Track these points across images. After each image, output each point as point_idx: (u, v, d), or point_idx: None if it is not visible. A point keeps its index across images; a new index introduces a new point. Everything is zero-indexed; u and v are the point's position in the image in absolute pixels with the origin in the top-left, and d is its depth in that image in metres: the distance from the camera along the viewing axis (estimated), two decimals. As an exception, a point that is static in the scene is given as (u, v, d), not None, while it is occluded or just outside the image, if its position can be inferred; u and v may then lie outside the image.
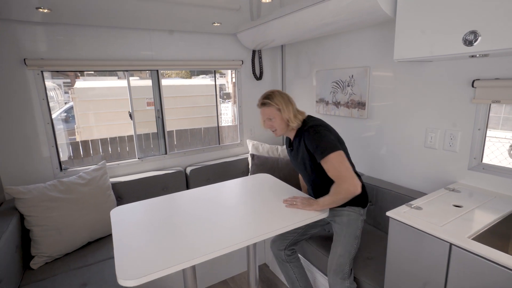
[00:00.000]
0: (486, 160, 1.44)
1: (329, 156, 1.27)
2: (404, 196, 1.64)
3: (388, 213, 1.19)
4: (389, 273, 1.24)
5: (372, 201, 1.83)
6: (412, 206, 1.23)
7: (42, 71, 1.81)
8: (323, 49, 2.22)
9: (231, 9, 1.74)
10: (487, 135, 1.40)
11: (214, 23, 2.02)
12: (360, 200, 1.44)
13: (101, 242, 1.79)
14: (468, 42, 1.08)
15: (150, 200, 1.64)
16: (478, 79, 1.33)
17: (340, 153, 1.28)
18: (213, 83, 2.67)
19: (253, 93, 2.67)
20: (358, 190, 1.24)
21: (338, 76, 2.09)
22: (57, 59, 1.83)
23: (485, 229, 1.05)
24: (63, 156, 2.98)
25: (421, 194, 1.59)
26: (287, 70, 2.69)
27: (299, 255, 1.81)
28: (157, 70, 2.19)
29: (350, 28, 1.79)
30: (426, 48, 1.22)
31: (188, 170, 2.35)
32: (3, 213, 1.59)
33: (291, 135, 1.51)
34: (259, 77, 2.63)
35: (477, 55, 1.14)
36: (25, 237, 1.61)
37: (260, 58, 2.59)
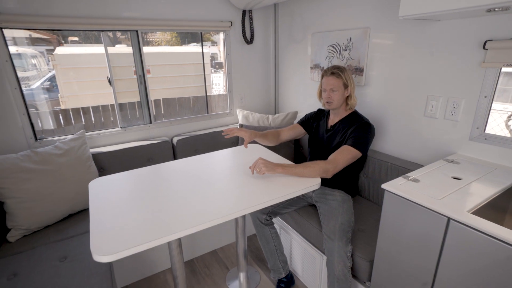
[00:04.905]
0: (487, 130, 1.35)
1: (354, 149, 1.40)
2: (400, 168, 1.57)
3: (383, 186, 1.11)
4: (380, 247, 1.19)
5: (366, 173, 1.76)
6: (409, 178, 1.16)
7: (1, 28, 1.60)
8: (319, 8, 2.02)
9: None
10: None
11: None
12: (351, 189, 1.62)
13: (82, 215, 1.71)
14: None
15: (133, 171, 1.54)
16: (491, 40, 1.20)
17: (358, 154, 1.42)
18: (206, 50, 2.47)
19: (243, 58, 2.49)
20: (328, 176, 1.39)
21: (335, 39, 1.92)
22: (18, 15, 1.61)
23: (485, 202, 0.98)
24: (47, 126, 2.83)
25: (418, 166, 1.51)
26: (280, 33, 2.48)
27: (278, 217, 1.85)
28: (137, 31, 1.98)
29: (351, -18, 1.60)
30: (438, 1, 1.07)
31: (175, 140, 2.24)
32: (-28, 185, 1.48)
33: (335, 117, 1.59)
34: (250, 41, 2.44)
35: (496, 9, 1.00)
36: (1, 210, 1.52)
37: (251, 19, 2.37)
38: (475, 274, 0.88)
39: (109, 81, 2.04)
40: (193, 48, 3.36)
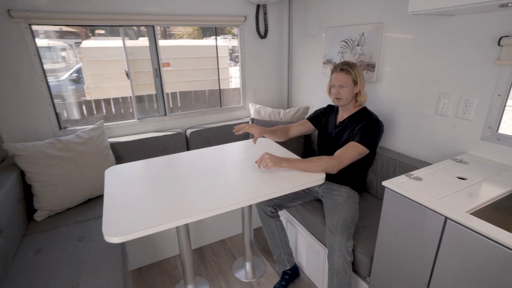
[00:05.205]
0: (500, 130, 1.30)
1: (360, 146, 1.41)
2: (407, 166, 1.55)
3: (384, 183, 1.11)
4: (380, 244, 1.20)
5: (375, 170, 1.75)
6: (412, 176, 1.15)
7: (30, 25, 1.72)
8: (334, 2, 2.00)
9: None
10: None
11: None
12: (358, 186, 1.61)
13: (100, 199, 1.83)
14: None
15: (147, 160, 1.64)
16: (507, 36, 1.15)
17: (365, 150, 1.42)
18: (225, 44, 2.50)
19: (257, 53, 2.51)
20: (333, 172, 1.41)
21: (347, 34, 1.90)
22: (44, 12, 1.73)
23: (488, 203, 0.97)
24: (74, 116, 3.01)
25: (427, 164, 1.49)
26: (295, 27, 2.48)
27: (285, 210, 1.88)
28: (153, 26, 2.05)
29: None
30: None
31: (188, 132, 2.32)
32: (4, 168, 1.64)
33: (344, 113, 1.59)
34: (263, 36, 2.45)
35: (509, 4, 0.96)
36: (28, 192, 1.66)
37: (265, 14, 2.38)
38: (470, 274, 0.88)
39: (127, 74, 2.14)
40: (213, 41, 3.40)
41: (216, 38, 2.47)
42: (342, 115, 1.61)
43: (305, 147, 2.30)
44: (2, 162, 1.73)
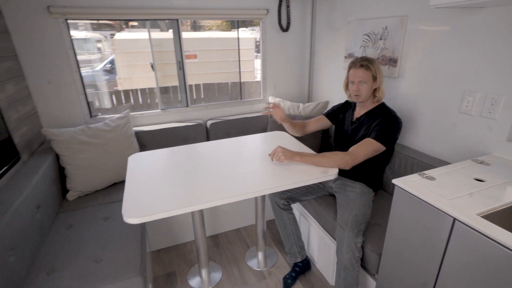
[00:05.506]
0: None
1: (376, 142, 1.39)
2: (426, 165, 1.51)
3: (394, 181, 1.10)
4: (388, 242, 1.19)
5: (392, 168, 1.72)
6: (425, 175, 1.12)
7: (66, 20, 1.86)
8: (359, -6, 1.94)
9: None
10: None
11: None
12: (374, 183, 1.59)
13: (124, 184, 1.96)
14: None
15: (168, 149, 1.74)
16: (539, 30, 1.07)
17: (381, 147, 1.40)
18: (253, 36, 2.51)
19: (278, 46, 2.51)
20: (346, 168, 1.40)
21: (370, 27, 1.84)
22: (78, 7, 1.86)
23: (503, 207, 0.93)
24: (105, 105, 3.21)
25: (445, 164, 1.43)
26: (318, 20, 2.44)
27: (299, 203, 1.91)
28: (177, 20, 2.13)
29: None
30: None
31: (209, 123, 2.39)
32: (42, 151, 1.81)
33: (362, 110, 1.57)
34: (285, 29, 2.44)
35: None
36: (62, 173, 1.83)
37: (288, 6, 2.37)
38: (477, 277, 0.86)
39: (152, 66, 2.24)
40: (240, 33, 3.41)
41: (238, 31, 2.49)
42: (359, 111, 1.59)
43: (323, 142, 2.29)
44: (41, 145, 1.91)
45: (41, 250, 1.37)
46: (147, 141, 2.19)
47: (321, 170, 1.38)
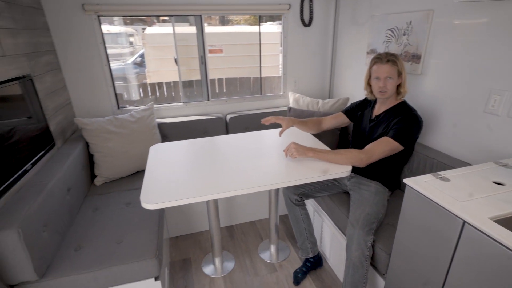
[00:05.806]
0: None
1: (393, 141, 1.36)
2: (445, 165, 1.45)
3: (405, 180, 1.08)
4: (398, 241, 1.18)
5: (411, 168, 1.67)
6: (439, 176, 1.09)
7: (98, 16, 1.99)
8: (383, -12, 1.88)
9: None
10: None
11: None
12: (390, 182, 1.56)
13: (147, 172, 2.08)
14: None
15: (188, 141, 1.82)
16: None
17: (398, 147, 1.37)
18: (279, 30, 2.51)
19: (300, 41, 2.49)
20: (361, 166, 1.39)
21: (394, 22, 1.78)
22: (108, 4, 1.97)
23: (520, 213, 0.88)
24: (132, 97, 3.39)
25: (466, 165, 1.37)
26: (341, 15, 2.39)
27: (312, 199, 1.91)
28: (200, 15, 2.18)
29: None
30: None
31: (228, 117, 2.45)
32: (74, 138, 1.96)
33: (382, 107, 1.54)
34: (307, 24, 2.42)
35: None
36: (91, 160, 1.98)
37: (310, 1, 2.34)
38: (486, 283, 0.84)
39: (175, 61, 2.33)
40: (266, 28, 3.41)
41: (259, 26, 2.51)
42: (379, 109, 1.55)
43: (341, 139, 2.26)
44: (73, 133, 2.08)
45: (70, 228, 1.51)
46: (169, 133, 2.29)
47: (334, 167, 1.38)
